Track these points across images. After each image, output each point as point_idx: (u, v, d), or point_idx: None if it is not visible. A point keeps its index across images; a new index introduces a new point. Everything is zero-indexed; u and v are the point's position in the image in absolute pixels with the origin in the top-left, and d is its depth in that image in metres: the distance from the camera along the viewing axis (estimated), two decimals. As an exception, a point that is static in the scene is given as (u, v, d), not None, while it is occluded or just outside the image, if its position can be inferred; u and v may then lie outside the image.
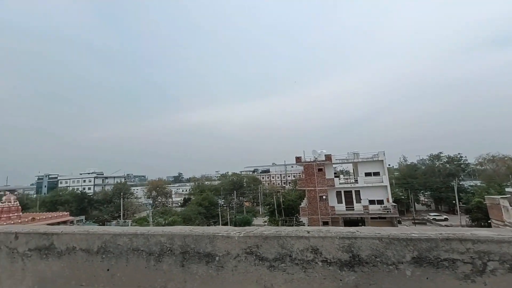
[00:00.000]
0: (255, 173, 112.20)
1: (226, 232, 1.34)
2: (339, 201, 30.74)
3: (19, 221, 46.33)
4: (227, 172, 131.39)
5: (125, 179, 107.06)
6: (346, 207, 29.94)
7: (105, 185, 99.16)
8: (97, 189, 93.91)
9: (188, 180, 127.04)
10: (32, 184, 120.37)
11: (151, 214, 38.08)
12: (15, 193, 65.68)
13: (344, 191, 30.83)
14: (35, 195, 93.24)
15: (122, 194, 67.15)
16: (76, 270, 1.55)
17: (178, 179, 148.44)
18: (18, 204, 49.52)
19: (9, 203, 47.30)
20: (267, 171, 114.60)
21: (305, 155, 34.11)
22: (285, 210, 41.64)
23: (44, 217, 50.79)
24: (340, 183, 31.66)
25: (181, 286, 1.34)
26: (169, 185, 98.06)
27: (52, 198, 70.13)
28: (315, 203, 29.97)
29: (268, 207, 45.24)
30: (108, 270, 1.48)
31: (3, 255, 1.74)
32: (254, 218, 47.35)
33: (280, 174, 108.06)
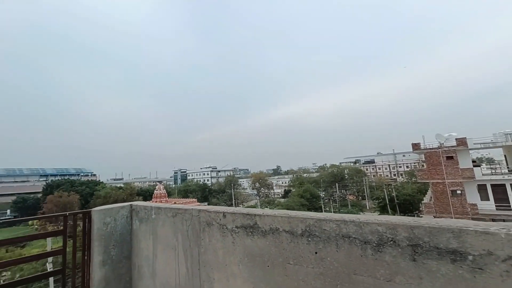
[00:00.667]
0: (357, 164, 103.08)
1: (483, 228, 1.06)
2: (484, 198, 23.62)
3: (167, 204, 61.93)
4: (325, 164, 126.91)
5: (232, 172, 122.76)
6: (496, 206, 22.64)
7: (218, 177, 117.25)
8: (213, 180, 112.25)
9: (286, 173, 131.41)
10: (171, 177, 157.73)
11: (259, 204, 41.72)
12: (162, 183, 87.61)
13: (492, 185, 23.39)
14: (173, 185, 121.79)
15: (232, 185, 77.30)
16: (282, 249, 1.68)
17: (276, 172, 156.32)
18: (165, 192, 66.04)
19: (160, 191, 63.80)
20: (371, 161, 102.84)
21: (424, 140, 28.24)
22: (400, 205, 36.07)
23: (181, 202, 65.68)
24: (483, 174, 24.30)
25: (415, 282, 1.18)
26: (270, 177, 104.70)
27: (184, 187, 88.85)
28: (444, 199, 24.31)
29: (378, 201, 40.54)
30: (316, 253, 1.52)
31: (215, 229, 2.14)
32: (361, 213, 43.63)
33: (389, 165, 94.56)
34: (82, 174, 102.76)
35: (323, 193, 60.47)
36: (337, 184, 60.60)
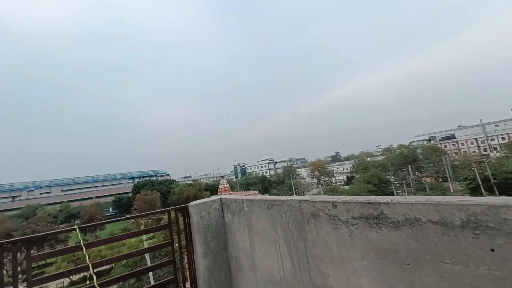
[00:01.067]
0: (432, 141, 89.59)
1: None
2: None
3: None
4: (391, 145, 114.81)
5: (289, 162, 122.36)
6: None
7: (276, 168, 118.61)
8: (271, 172, 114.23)
9: (347, 158, 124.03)
10: (231, 171, 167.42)
11: (322, 192, 40.48)
12: (224, 178, 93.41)
13: None
14: (234, 179, 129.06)
15: (291, 175, 77.14)
16: (428, 244, 1.34)
17: (336, 158, 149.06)
18: (229, 186, 70.34)
19: (224, 185, 68.28)
20: (451, 137, 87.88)
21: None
22: (499, 185, 29.82)
23: (243, 194, 69.05)
24: None
25: None
26: (329, 165, 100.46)
27: (245, 180, 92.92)
28: None
29: (467, 182, 34.39)
30: (492, 250, 1.13)
31: (324, 221, 1.92)
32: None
33: (475, 139, 79.22)
34: (159, 174, 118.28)
35: (393, 177, 54.67)
36: (409, 166, 53.93)
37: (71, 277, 28.65)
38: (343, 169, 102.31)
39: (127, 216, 61.61)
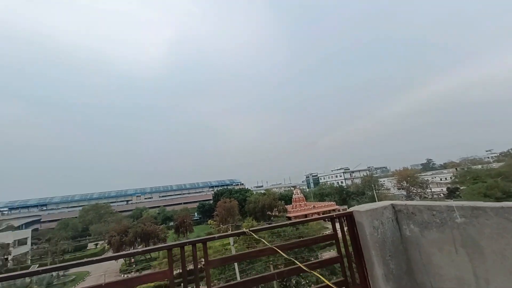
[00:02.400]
0: None
1: None
2: None
3: (306, 207, 63.38)
4: (511, 149, 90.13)
5: (368, 171, 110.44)
6: None
7: (352, 178, 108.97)
8: (347, 182, 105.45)
9: (444, 166, 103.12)
10: (303, 181, 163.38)
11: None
12: (297, 188, 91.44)
13: None
14: (306, 189, 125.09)
15: (373, 185, 69.08)
16: None
17: (428, 167, 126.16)
18: (302, 195, 68.21)
19: (298, 195, 66.56)
20: None
21: None
22: None
23: (319, 205, 65.42)
24: None
25: None
26: (420, 174, 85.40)
27: (319, 191, 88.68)
28: None
29: None
30: None
31: None
32: None
33: None
34: (234, 184, 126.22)
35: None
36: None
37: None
38: (440, 179, 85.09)
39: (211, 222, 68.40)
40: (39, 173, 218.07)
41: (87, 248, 61.17)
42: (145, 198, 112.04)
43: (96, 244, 61.62)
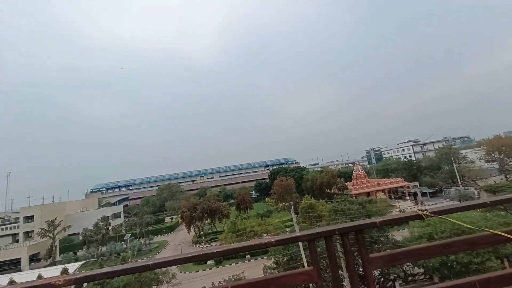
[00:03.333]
0: None
1: None
2: None
3: (368, 184, 58.76)
4: None
5: (445, 142, 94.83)
6: None
7: (424, 151, 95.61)
8: (417, 156, 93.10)
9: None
10: (363, 157, 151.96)
11: None
12: (357, 164, 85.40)
13: None
14: (368, 166, 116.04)
15: (453, 158, 59.17)
16: None
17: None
18: (364, 172, 63.24)
19: (359, 172, 61.98)
20: None
21: None
22: None
23: (384, 182, 59.74)
24: None
25: None
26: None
27: (383, 166, 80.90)
28: None
29: None
30: None
31: None
32: None
33: None
34: (289, 162, 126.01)
35: None
36: None
37: (234, 243, 35.09)
38: (551, 147, 66.91)
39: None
40: (125, 159, 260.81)
41: (165, 221, 70.86)
42: (208, 178, 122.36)
43: (171, 218, 70.81)
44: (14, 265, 42.32)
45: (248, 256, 32.92)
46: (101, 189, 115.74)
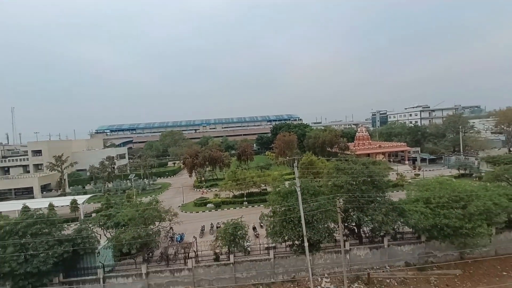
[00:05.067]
0: None
1: None
2: None
3: (370, 146, 58.85)
4: None
5: (455, 110, 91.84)
6: None
7: (432, 118, 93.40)
8: (424, 122, 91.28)
9: None
10: (367, 119, 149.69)
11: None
12: (360, 125, 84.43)
13: None
14: (371, 128, 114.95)
15: (460, 127, 57.85)
16: None
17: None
18: (367, 134, 62.73)
19: (363, 133, 61.40)
20: None
21: None
22: None
23: (386, 145, 59.67)
24: None
25: None
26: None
27: (387, 130, 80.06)
28: None
29: None
30: None
31: None
32: None
33: None
34: (292, 118, 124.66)
35: None
36: None
37: (233, 191, 36.83)
38: None
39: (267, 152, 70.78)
40: (129, 102, 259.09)
41: (167, 165, 73.59)
42: (210, 128, 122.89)
43: (174, 163, 73.35)
44: (27, 193, 45.36)
45: (246, 203, 34.76)
46: (105, 131, 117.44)
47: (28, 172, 55.50)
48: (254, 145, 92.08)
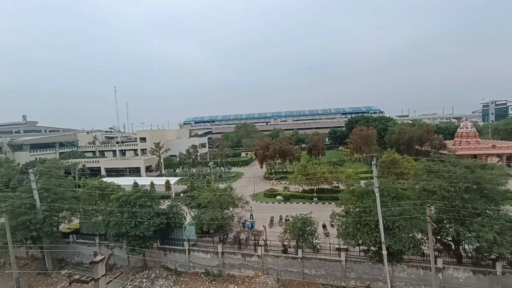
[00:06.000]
0: None
1: None
2: None
3: (479, 145, 47.06)
4: None
5: None
6: None
7: None
8: None
9: None
10: (475, 111, 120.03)
11: None
12: (464, 119, 68.29)
13: None
14: (480, 123, 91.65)
15: None
16: None
17: None
18: (475, 130, 50.25)
19: (467, 129, 49.60)
20: None
21: None
22: None
23: (505, 145, 46.41)
24: None
25: None
26: None
27: (504, 126, 62.75)
28: None
29: None
30: None
31: None
32: None
33: None
34: (371, 111, 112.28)
35: None
36: None
37: (303, 185, 36.29)
38: None
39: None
40: (212, 97, 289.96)
41: (241, 155, 78.76)
42: (281, 121, 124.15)
43: (246, 154, 77.87)
44: (136, 171, 56.99)
45: (316, 199, 33.74)
46: (190, 122, 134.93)
47: (137, 155, 69.50)
48: (326, 139, 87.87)
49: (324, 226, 23.20)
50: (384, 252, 14.61)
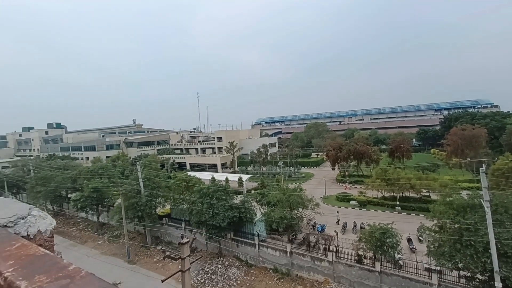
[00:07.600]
0: None
1: None
2: None
3: None
4: None
5: None
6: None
7: None
8: None
9: None
10: None
11: None
12: None
13: None
14: None
15: None
16: None
17: None
18: None
19: None
20: None
21: None
22: None
23: None
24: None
25: None
26: None
27: None
28: None
29: None
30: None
31: None
32: None
33: None
34: (479, 106, 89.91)
35: None
36: None
37: (382, 191, 32.27)
38: None
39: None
40: (279, 100, 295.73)
41: (311, 156, 76.56)
42: (356, 120, 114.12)
43: (317, 155, 75.09)
44: (213, 168, 63.26)
45: (399, 208, 29.48)
46: (261, 122, 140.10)
47: (214, 153, 77.13)
48: (414, 140, 75.69)
49: (409, 240, 20.07)
50: (499, 285, 11.45)
